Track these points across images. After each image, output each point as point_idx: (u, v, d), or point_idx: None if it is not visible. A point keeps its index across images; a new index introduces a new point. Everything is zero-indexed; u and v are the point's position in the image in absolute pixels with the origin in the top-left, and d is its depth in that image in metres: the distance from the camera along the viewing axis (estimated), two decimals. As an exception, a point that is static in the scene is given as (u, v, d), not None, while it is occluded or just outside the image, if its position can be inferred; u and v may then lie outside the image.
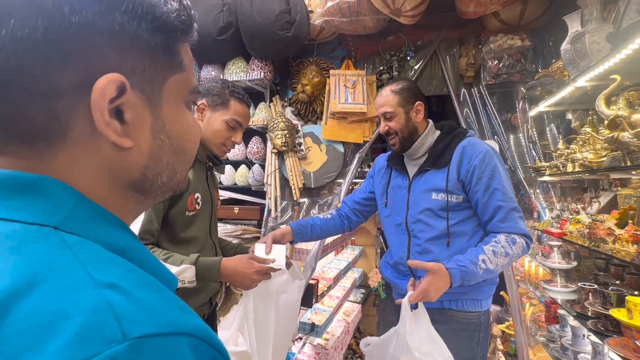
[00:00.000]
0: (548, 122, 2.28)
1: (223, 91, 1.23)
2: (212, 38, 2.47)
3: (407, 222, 1.29)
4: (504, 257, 1.10)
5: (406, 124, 1.30)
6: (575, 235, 1.55)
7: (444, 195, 1.22)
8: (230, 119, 1.21)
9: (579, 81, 1.53)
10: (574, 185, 2.18)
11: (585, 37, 1.41)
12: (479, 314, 1.26)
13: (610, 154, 1.29)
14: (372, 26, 2.41)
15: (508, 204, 1.16)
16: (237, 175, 2.73)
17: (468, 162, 1.20)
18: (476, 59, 2.42)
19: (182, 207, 1.16)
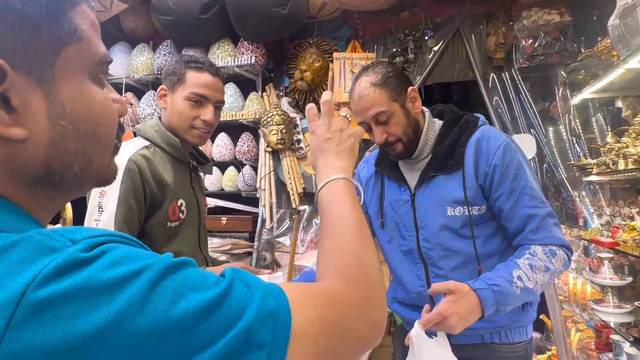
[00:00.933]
0: (594, 112, 2.29)
1: (178, 66, 1.21)
2: (194, 17, 2.50)
3: (419, 247, 1.18)
4: (544, 272, 1.03)
5: (408, 122, 1.14)
6: (630, 245, 1.55)
7: (462, 209, 1.12)
8: (190, 93, 1.18)
9: (631, 62, 1.54)
10: (627, 187, 2.18)
11: (637, 10, 1.43)
12: (526, 343, 1.20)
13: (671, 147, 1.30)
14: (382, 0, 2.43)
15: (539, 210, 1.08)
16: (225, 179, 2.73)
17: (485, 162, 1.11)
18: (507, 37, 2.44)
19: (161, 217, 1.16)
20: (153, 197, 1.14)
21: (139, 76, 2.82)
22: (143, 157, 1.15)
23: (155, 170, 1.16)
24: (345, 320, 0.44)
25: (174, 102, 1.22)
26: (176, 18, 2.52)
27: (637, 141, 1.65)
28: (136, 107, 2.90)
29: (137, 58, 2.84)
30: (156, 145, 1.22)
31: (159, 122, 1.25)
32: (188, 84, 1.20)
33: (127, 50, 2.93)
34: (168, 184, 1.18)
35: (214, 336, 0.33)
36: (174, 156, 1.24)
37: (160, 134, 1.22)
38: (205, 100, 1.21)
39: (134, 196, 1.09)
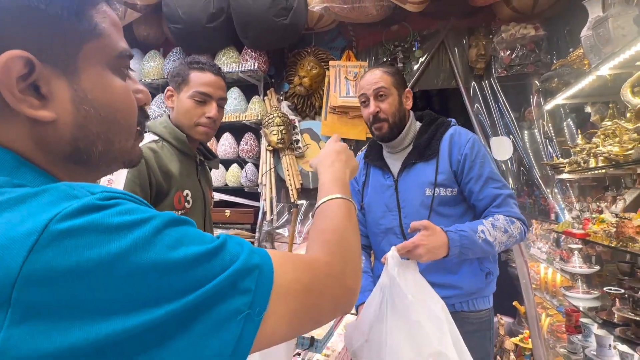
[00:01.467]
0: (565, 117, 2.29)
1: (182, 68, 1.19)
2: (202, 25, 2.45)
3: (401, 224, 1.25)
4: (503, 233, 1.11)
5: (398, 108, 1.26)
6: (600, 235, 1.54)
7: (437, 189, 1.22)
8: (194, 93, 1.16)
9: (602, 69, 1.53)
10: (594, 184, 2.18)
11: (608, 21, 1.42)
12: (489, 310, 1.28)
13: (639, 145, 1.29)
14: (375, 14, 2.41)
15: (503, 191, 1.19)
16: (229, 175, 2.68)
17: (458, 151, 1.21)
18: (487, 49, 2.43)
19: (167, 206, 1.12)
20: (159, 186, 1.10)
21: (150, 80, 2.76)
22: (150, 149, 1.12)
23: (162, 162, 1.13)
24: (322, 285, 0.46)
25: (180, 101, 1.20)
26: (185, 26, 2.47)
27: (606, 142, 1.65)
28: (148, 108, 2.83)
29: (148, 63, 2.78)
30: (164, 139, 1.19)
31: (168, 120, 1.23)
32: (192, 84, 1.18)
33: (139, 56, 2.87)
34: (174, 175, 1.14)
35: (206, 279, 0.34)
36: (181, 150, 1.21)
37: (168, 129, 1.20)
38: (209, 98, 1.19)
39: (140, 184, 1.06)
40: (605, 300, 1.80)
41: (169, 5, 2.47)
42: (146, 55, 2.82)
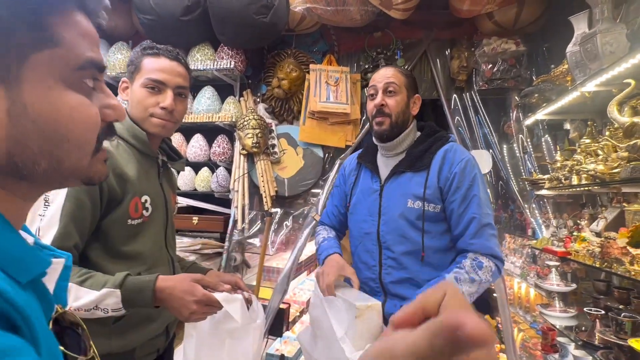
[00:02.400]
0: (543, 133, 2.29)
1: (136, 55, 1.04)
2: (175, 18, 2.26)
3: (379, 231, 1.21)
4: (470, 283, 1.05)
5: (404, 110, 1.22)
6: (582, 254, 1.50)
7: (420, 203, 1.16)
8: (146, 80, 1.01)
9: (588, 85, 1.50)
10: (570, 201, 2.18)
11: (597, 37, 1.39)
12: None
13: (628, 164, 1.24)
14: (358, 19, 2.33)
15: (482, 218, 1.12)
16: (198, 179, 2.49)
17: (449, 169, 1.17)
18: (469, 61, 2.41)
19: (121, 214, 0.96)
20: (112, 192, 0.94)
21: (115, 73, 2.53)
22: None
23: (116, 163, 0.96)
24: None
25: (133, 91, 1.04)
26: (157, 18, 2.28)
27: (588, 160, 1.62)
28: (111, 104, 2.60)
29: (114, 55, 2.55)
30: (120, 137, 1.02)
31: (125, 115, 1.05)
32: (144, 71, 1.02)
33: (105, 47, 2.63)
34: (130, 178, 0.98)
35: None
36: (140, 150, 1.04)
37: (125, 126, 1.03)
38: (163, 86, 1.02)
39: (88, 190, 0.89)
40: (582, 319, 1.77)
41: (140, -6, 2.27)
42: (112, 47, 2.59)
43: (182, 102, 1.07)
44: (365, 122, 2.53)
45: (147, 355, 1.06)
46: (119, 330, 0.95)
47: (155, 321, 1.04)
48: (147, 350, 1.05)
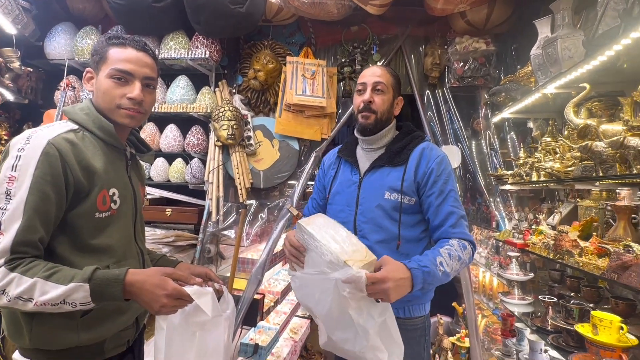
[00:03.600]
0: (508, 130, 2.38)
1: (100, 45, 1.02)
2: (147, 4, 2.18)
3: (355, 221, 1.28)
4: (458, 261, 1.12)
5: (388, 109, 1.30)
6: (538, 246, 1.60)
7: (397, 195, 1.23)
8: (112, 70, 0.98)
9: (549, 87, 1.57)
10: (531, 195, 2.29)
11: (557, 42, 1.46)
12: (424, 317, 1.30)
13: (580, 163, 1.33)
14: (335, 12, 2.32)
15: (459, 211, 1.21)
16: (172, 170, 2.44)
17: (426, 164, 1.24)
18: (442, 59, 2.46)
19: (88, 207, 0.94)
20: (78, 185, 0.91)
21: (83, 59, 2.42)
22: (67, 140, 0.92)
23: (82, 155, 0.93)
24: None
25: (99, 82, 1.00)
26: (127, 3, 2.18)
27: (547, 157, 1.71)
28: (79, 91, 2.49)
29: (82, 40, 2.44)
30: (86, 129, 0.99)
31: (91, 105, 1.02)
32: (110, 61, 0.99)
33: (73, 31, 2.51)
34: (97, 171, 0.95)
35: None
36: (107, 142, 1.01)
37: (91, 117, 1.00)
38: (130, 77, 1.00)
39: (52, 182, 0.87)
40: (538, 306, 1.89)
41: (109, -23, 2.17)
42: (80, 31, 2.47)
43: (150, 93, 1.05)
44: (341, 115, 2.54)
45: (116, 347, 1.05)
46: (87, 323, 0.94)
47: (124, 313, 1.03)
48: (116, 342, 1.04)
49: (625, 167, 1.14)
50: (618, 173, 1.15)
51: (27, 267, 0.82)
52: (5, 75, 2.27)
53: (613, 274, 1.12)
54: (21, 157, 0.85)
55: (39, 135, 0.89)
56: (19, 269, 0.81)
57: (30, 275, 0.81)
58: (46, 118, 2.46)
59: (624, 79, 1.48)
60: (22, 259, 0.83)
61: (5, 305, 0.81)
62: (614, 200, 1.46)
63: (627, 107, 1.35)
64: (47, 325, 0.91)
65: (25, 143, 0.87)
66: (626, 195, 1.30)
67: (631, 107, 1.35)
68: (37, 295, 0.81)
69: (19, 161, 0.85)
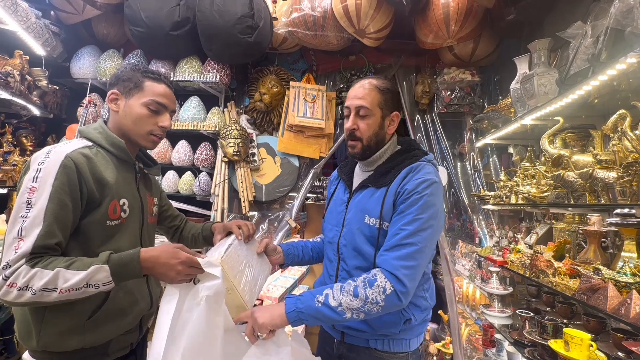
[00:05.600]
0: (491, 154, 2.40)
1: (134, 74, 1.06)
2: (165, 32, 2.23)
3: (338, 243, 1.12)
4: (352, 296, 0.92)
5: (377, 132, 1.08)
6: (516, 264, 1.59)
7: (374, 220, 1.04)
8: (150, 101, 1.04)
9: (526, 119, 1.59)
10: (511, 214, 2.29)
11: (534, 79, 1.48)
12: (407, 354, 1.09)
13: (554, 190, 1.33)
14: (335, 43, 2.36)
15: (407, 235, 0.95)
16: (181, 182, 2.45)
17: (404, 185, 1.02)
18: (431, 87, 2.49)
19: (100, 215, 0.95)
20: (91, 195, 0.93)
21: (105, 79, 2.46)
22: (83, 155, 0.94)
23: (95, 169, 0.96)
24: None
25: (130, 107, 1.04)
26: (147, 30, 2.23)
27: (524, 182, 1.72)
28: (100, 107, 2.52)
29: (105, 62, 2.48)
30: (99, 146, 1.02)
31: (103, 125, 1.06)
32: (147, 92, 1.05)
33: (96, 53, 2.55)
34: (108, 183, 0.97)
35: None
36: (118, 156, 1.04)
37: (104, 135, 1.03)
38: (163, 109, 1.08)
39: (69, 192, 0.89)
40: (516, 319, 1.87)
41: (132, 7, 2.22)
42: (104, 54, 2.51)
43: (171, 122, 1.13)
44: (338, 136, 2.57)
45: (120, 349, 1.04)
46: (92, 325, 0.94)
47: (128, 315, 1.03)
48: (120, 344, 1.04)
49: (594, 197, 1.14)
50: (588, 202, 1.16)
51: (46, 262, 0.84)
52: (33, 92, 2.30)
53: (583, 296, 1.12)
54: (41, 170, 0.88)
55: (58, 151, 0.92)
56: (39, 264, 0.83)
57: (52, 268, 0.83)
58: (69, 132, 2.48)
59: (594, 113, 1.50)
60: (40, 257, 0.85)
61: (30, 299, 0.81)
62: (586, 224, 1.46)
63: (598, 139, 1.36)
64: (55, 328, 0.91)
65: (45, 157, 0.90)
66: (596, 221, 1.30)
67: (601, 140, 1.36)
68: (60, 283, 0.82)
69: (39, 173, 0.87)
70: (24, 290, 0.81)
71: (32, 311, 0.92)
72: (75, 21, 2.48)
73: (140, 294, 1.07)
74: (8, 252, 0.83)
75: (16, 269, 0.81)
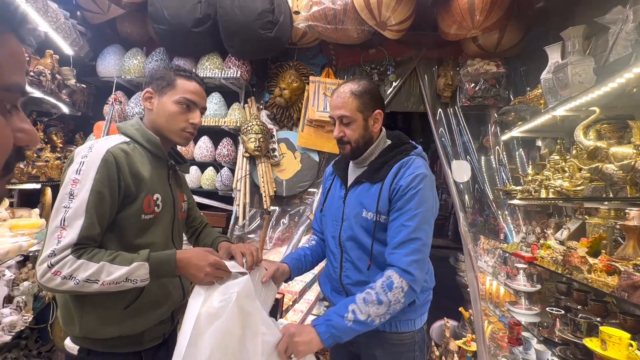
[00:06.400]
0: (517, 147, 2.32)
1: (167, 72, 1.09)
2: (187, 29, 2.25)
3: (340, 236, 1.19)
4: (377, 305, 0.98)
5: (363, 134, 1.14)
6: (547, 260, 1.54)
7: (372, 214, 1.10)
8: (182, 98, 1.07)
9: (558, 110, 1.53)
10: (539, 210, 2.22)
11: (568, 68, 1.42)
12: (413, 333, 1.17)
13: (590, 184, 1.28)
14: (355, 36, 2.33)
15: (411, 231, 1.02)
16: (204, 177, 2.49)
17: (397, 181, 1.08)
18: (454, 80, 2.43)
19: (136, 209, 0.99)
20: (127, 189, 0.96)
21: (130, 77, 2.51)
22: (122, 150, 0.98)
23: (133, 164, 0.99)
24: None
25: (163, 104, 1.07)
26: (170, 28, 2.26)
27: (556, 175, 1.65)
28: (125, 105, 2.58)
29: (129, 60, 2.53)
30: (136, 142, 1.05)
31: (140, 122, 1.09)
32: (179, 90, 1.07)
33: (121, 52, 2.61)
34: (144, 178, 1.00)
35: None
36: (153, 153, 1.07)
37: (140, 132, 1.06)
38: (194, 106, 1.10)
39: (109, 185, 0.92)
40: (544, 317, 1.81)
41: (155, 5, 2.25)
42: (128, 52, 2.57)
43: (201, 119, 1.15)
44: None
45: (153, 339, 1.07)
46: (129, 315, 0.98)
47: (162, 307, 1.06)
48: (154, 334, 1.07)
49: (636, 190, 1.09)
50: (629, 195, 1.10)
51: (91, 254, 0.87)
52: (62, 91, 2.37)
53: (623, 293, 1.07)
54: (84, 163, 0.91)
55: (100, 145, 0.95)
56: (84, 256, 0.86)
57: (97, 261, 0.86)
58: (96, 129, 2.55)
59: (632, 103, 1.43)
60: (84, 248, 0.88)
61: (70, 288, 0.85)
62: (623, 219, 1.40)
63: (637, 130, 1.29)
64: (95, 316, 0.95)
65: (88, 151, 0.93)
66: (636, 216, 1.24)
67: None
68: (104, 276, 0.86)
69: (82, 166, 0.91)
70: (67, 280, 0.84)
71: (73, 299, 0.96)
72: (100, 21, 2.54)
73: (173, 286, 1.10)
74: (51, 240, 0.86)
75: (62, 258, 0.84)
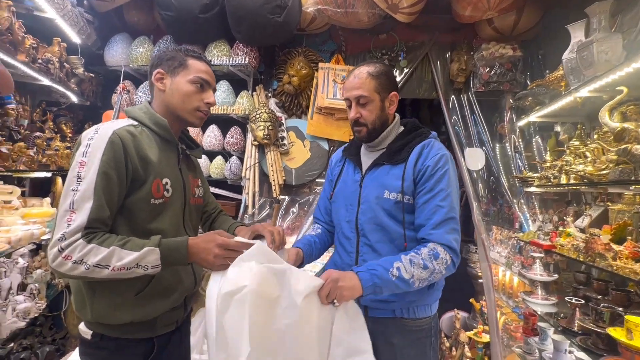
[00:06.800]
0: (534, 134, 2.25)
1: (177, 53, 1.07)
2: (194, 15, 2.21)
3: (357, 220, 1.16)
4: (421, 269, 1.00)
5: (380, 114, 1.14)
6: (567, 248, 1.48)
7: (397, 195, 1.10)
8: (196, 77, 1.05)
9: (581, 91, 1.46)
10: (556, 198, 2.15)
11: (593, 45, 1.34)
12: (430, 318, 1.18)
13: (617, 167, 1.22)
14: (366, 20, 2.27)
15: (447, 210, 1.05)
16: (213, 166, 2.47)
17: (422, 162, 1.10)
18: (467, 64, 2.35)
19: (144, 193, 0.96)
20: (135, 172, 0.94)
21: (137, 66, 2.49)
22: (129, 132, 0.95)
23: (140, 146, 0.96)
24: None
25: (177, 84, 1.04)
26: (177, 14, 2.22)
27: (577, 160, 1.59)
28: (133, 94, 2.56)
29: (136, 49, 2.50)
30: (144, 124, 1.02)
31: (148, 105, 1.07)
32: (192, 69, 1.05)
33: (128, 41, 2.58)
34: (152, 161, 0.97)
35: None
36: (162, 136, 1.04)
37: (148, 114, 1.04)
38: (207, 85, 1.08)
39: (116, 167, 0.90)
40: (562, 307, 1.76)
41: (161, -9, 2.21)
42: (135, 41, 2.54)
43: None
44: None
45: (166, 325, 1.06)
46: (140, 301, 0.96)
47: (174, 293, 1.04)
48: (166, 321, 1.05)
49: (669, 171, 1.03)
50: (661, 177, 1.04)
51: (102, 239, 0.86)
52: (71, 80, 2.36)
53: (653, 279, 1.01)
54: (90, 145, 0.89)
55: (106, 127, 0.93)
56: (95, 240, 0.84)
57: (107, 245, 0.85)
58: (105, 118, 2.54)
59: (662, 82, 1.35)
60: (95, 232, 0.86)
61: (82, 273, 0.83)
62: (650, 205, 1.33)
63: (667, 111, 1.22)
64: (106, 301, 0.93)
65: (94, 133, 0.92)
66: (665, 200, 1.18)
67: (671, 111, 1.23)
68: (114, 261, 0.84)
69: (88, 149, 0.89)
70: (77, 264, 0.82)
71: (85, 285, 0.94)
72: (107, 9, 2.51)
73: (185, 273, 1.08)
74: (61, 223, 0.84)
75: (72, 242, 0.82)
